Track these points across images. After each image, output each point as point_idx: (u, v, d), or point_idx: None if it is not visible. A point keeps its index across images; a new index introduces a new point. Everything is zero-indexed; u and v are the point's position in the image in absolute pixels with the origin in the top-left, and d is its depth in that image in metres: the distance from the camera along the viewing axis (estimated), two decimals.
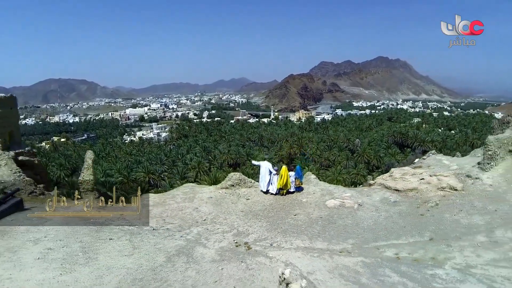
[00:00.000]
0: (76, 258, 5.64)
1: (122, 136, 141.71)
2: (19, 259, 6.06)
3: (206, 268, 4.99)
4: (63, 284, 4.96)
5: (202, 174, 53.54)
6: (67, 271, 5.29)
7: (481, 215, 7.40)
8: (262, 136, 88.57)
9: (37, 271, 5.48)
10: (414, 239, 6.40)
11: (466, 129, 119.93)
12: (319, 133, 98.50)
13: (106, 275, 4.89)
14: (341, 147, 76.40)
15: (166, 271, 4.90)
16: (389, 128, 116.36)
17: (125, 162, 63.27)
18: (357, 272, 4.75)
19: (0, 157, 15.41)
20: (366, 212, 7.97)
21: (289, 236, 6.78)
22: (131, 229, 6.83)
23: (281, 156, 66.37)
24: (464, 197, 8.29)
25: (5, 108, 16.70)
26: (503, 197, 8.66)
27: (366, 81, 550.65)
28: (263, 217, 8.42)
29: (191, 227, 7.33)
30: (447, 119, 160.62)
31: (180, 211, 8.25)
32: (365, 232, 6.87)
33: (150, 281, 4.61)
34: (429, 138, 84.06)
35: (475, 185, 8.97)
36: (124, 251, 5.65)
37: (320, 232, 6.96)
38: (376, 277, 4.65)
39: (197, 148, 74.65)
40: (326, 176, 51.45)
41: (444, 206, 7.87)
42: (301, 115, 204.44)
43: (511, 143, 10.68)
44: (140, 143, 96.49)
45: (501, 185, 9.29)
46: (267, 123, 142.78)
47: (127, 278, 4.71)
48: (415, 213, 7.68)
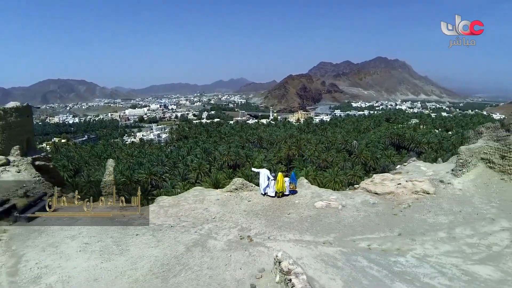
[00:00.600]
0: (111, 250, 6.98)
1: (122, 137, 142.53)
2: (62, 251, 7.40)
3: (218, 255, 6.35)
4: (105, 269, 6.29)
5: (203, 175, 54.70)
6: (106, 260, 6.62)
7: (446, 215, 8.77)
8: (261, 138, 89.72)
9: (81, 260, 6.81)
10: (385, 234, 7.77)
11: (463, 130, 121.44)
12: (317, 135, 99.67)
13: (139, 262, 6.22)
14: (339, 149, 77.51)
15: (187, 258, 6.24)
16: (386, 129, 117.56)
17: (127, 164, 64.44)
18: (335, 258, 6.09)
19: (20, 163, 16.69)
20: (348, 212, 9.37)
21: (283, 231, 8.20)
22: (152, 226, 8.18)
23: (280, 157, 67.52)
24: (435, 200, 9.67)
25: (22, 116, 17.97)
26: (469, 200, 10.02)
27: (365, 81, 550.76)
28: (262, 215, 9.84)
29: (202, 224, 8.73)
30: (445, 120, 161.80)
31: (192, 211, 9.64)
32: (345, 228, 8.26)
33: (175, 265, 5.95)
34: (425, 140, 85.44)
35: (446, 189, 10.34)
36: (150, 244, 7.00)
37: (308, 227, 8.38)
38: (350, 262, 5.98)
39: (198, 150, 75.77)
40: (324, 177, 52.56)
41: (416, 207, 9.25)
42: (300, 116, 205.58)
43: (483, 151, 12.08)
44: (141, 144, 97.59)
45: (470, 189, 10.66)
46: (266, 124, 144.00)
47: (156, 264, 6.05)
48: (390, 213, 9.06)
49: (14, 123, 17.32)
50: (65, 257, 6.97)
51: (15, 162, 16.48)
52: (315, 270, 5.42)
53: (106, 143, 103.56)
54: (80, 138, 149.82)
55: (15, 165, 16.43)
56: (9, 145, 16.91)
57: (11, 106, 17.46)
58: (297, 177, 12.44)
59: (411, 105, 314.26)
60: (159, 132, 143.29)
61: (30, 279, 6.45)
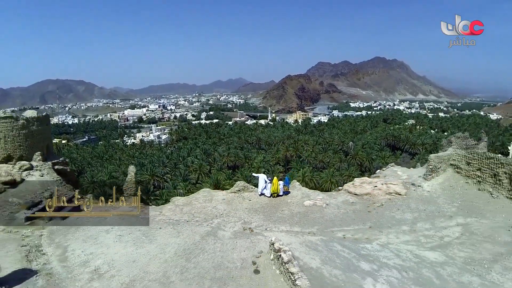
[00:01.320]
0: (142, 239, 8.83)
1: (122, 137, 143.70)
2: (101, 242, 9.23)
3: (226, 242, 8.20)
4: (140, 254, 8.14)
5: (204, 176, 56.46)
6: (139, 247, 8.47)
7: (412, 213, 10.66)
8: (259, 139, 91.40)
9: (119, 248, 8.65)
10: (358, 227, 9.64)
11: (457, 131, 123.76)
12: (314, 136, 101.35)
13: (165, 248, 8.06)
14: (335, 150, 79.21)
15: (203, 244, 8.09)
16: (383, 130, 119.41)
17: (129, 165, 66.16)
18: (316, 244, 7.92)
19: (42, 167, 18.46)
20: (330, 209, 11.26)
21: (277, 224, 10.11)
22: (171, 222, 10.02)
23: (278, 158, 69.22)
24: (405, 200, 11.56)
25: (42, 125, 19.74)
26: (434, 200, 11.93)
27: (363, 81, 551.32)
28: (260, 212, 11.71)
29: (212, 219, 10.61)
30: (441, 121, 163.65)
31: (203, 209, 11.52)
32: (327, 222, 10.14)
33: (194, 250, 7.79)
34: (420, 141, 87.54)
35: (416, 191, 12.23)
36: (172, 234, 8.84)
37: (297, 221, 10.30)
38: (327, 247, 7.82)
39: (198, 151, 77.40)
40: (320, 178, 54.25)
41: (388, 206, 11.13)
42: (298, 116, 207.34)
43: (452, 158, 14.00)
44: (142, 145, 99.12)
45: (437, 191, 12.57)
46: (265, 125, 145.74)
47: (179, 249, 7.89)
48: (365, 210, 10.94)
49: (36, 131, 19.10)
50: (105, 246, 8.79)
51: (37, 167, 18.24)
52: (300, 252, 7.24)
53: (107, 144, 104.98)
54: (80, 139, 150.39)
55: (38, 169, 18.20)
56: (31, 152, 18.67)
57: (33, 116, 19.23)
58: (291, 180, 14.37)
59: (409, 105, 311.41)
60: (159, 133, 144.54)
61: (80, 263, 8.27)
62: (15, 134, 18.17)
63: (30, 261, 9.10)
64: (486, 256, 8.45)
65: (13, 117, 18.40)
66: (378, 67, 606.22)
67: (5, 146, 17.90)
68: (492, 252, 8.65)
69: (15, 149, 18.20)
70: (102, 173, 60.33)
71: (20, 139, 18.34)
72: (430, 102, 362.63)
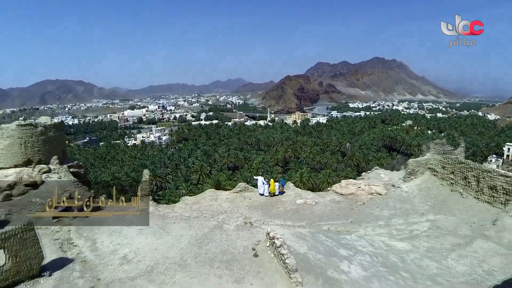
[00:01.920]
0: (160, 232, 10.54)
1: (123, 138, 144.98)
2: (125, 234, 10.92)
3: (231, 233, 9.92)
4: (160, 243, 9.85)
5: (205, 177, 58.07)
6: (158, 238, 10.18)
7: (389, 210, 12.40)
8: (259, 140, 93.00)
9: (141, 239, 10.35)
10: (341, 221, 11.38)
11: (454, 132, 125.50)
12: (313, 137, 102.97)
13: (181, 238, 9.77)
14: (333, 151, 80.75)
15: (211, 235, 9.81)
16: (380, 131, 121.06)
17: (132, 166, 67.75)
18: (305, 235, 9.64)
19: (59, 170, 20.10)
20: (319, 207, 13.02)
21: (273, 219, 11.90)
22: (183, 217, 11.74)
23: (277, 159, 70.78)
24: (384, 199, 13.29)
25: (59, 131, 21.41)
26: (410, 200, 13.68)
27: (362, 81, 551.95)
28: (259, 209, 13.48)
29: (218, 215, 12.35)
30: (439, 121, 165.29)
31: (210, 206, 13.27)
32: (315, 217, 11.89)
33: (204, 239, 9.50)
34: (415, 142, 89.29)
35: (395, 192, 13.98)
36: (185, 228, 10.56)
37: (290, 217, 12.07)
38: (314, 237, 9.53)
39: (198, 152, 78.98)
40: (317, 179, 55.86)
41: (369, 204, 12.87)
42: (297, 117, 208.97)
43: (429, 162, 15.74)
44: (143, 146, 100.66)
45: (414, 192, 14.32)
46: (264, 126, 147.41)
47: (192, 239, 9.60)
48: (348, 208, 12.69)
49: (53, 137, 20.74)
50: (129, 238, 10.50)
51: (55, 170, 19.87)
52: (291, 241, 8.92)
53: (109, 145, 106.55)
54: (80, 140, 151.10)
55: (55, 172, 19.83)
56: (49, 156, 20.29)
57: (50, 123, 20.91)
58: (286, 182, 16.16)
59: (408, 106, 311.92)
60: (160, 134, 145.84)
61: (109, 252, 9.96)
62: (34, 140, 19.80)
63: (64, 252, 10.78)
64: (446, 246, 10.19)
65: (32, 124, 20.02)
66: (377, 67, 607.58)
67: (25, 151, 19.52)
68: (452, 243, 10.39)
69: (34, 154, 19.82)
70: (105, 174, 61.95)
71: (39, 144, 19.97)
72: (429, 103, 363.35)
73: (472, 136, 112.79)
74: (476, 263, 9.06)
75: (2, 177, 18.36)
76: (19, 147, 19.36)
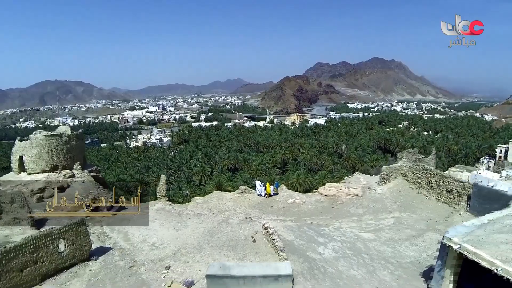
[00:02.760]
0: (178, 225, 13.35)
1: (125, 139, 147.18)
2: (151, 227, 13.72)
3: (235, 226, 12.74)
4: (180, 234, 12.66)
5: (206, 178, 60.78)
6: (178, 230, 13.00)
7: (363, 209, 15.23)
8: (258, 142, 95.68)
9: (164, 231, 13.16)
10: (322, 217, 14.21)
11: (449, 134, 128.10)
12: (311, 139, 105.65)
13: (196, 230, 12.59)
14: (330, 152, 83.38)
15: (220, 227, 12.64)
16: (377, 133, 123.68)
17: (135, 168, 70.49)
18: (292, 227, 12.43)
19: (81, 175, 22.87)
20: (305, 206, 15.88)
21: (268, 215, 14.79)
22: (195, 214, 14.57)
23: (275, 161, 73.32)
24: (360, 200, 16.12)
25: (80, 140, 24.20)
26: (382, 200, 16.51)
27: (361, 82, 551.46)
28: (257, 207, 16.33)
29: (224, 212, 15.20)
30: (435, 122, 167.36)
31: (217, 205, 16.14)
32: (302, 214, 14.77)
33: (215, 230, 12.33)
34: (410, 144, 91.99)
35: (370, 193, 16.80)
36: (198, 222, 13.38)
37: (282, 213, 15.00)
38: (299, 229, 12.34)
39: (199, 154, 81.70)
40: (313, 180, 58.44)
41: (346, 204, 15.71)
42: (296, 118, 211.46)
43: (402, 168, 18.56)
44: (145, 148, 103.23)
45: (386, 193, 17.15)
46: (263, 127, 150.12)
47: (205, 230, 12.43)
48: (329, 207, 15.51)
49: (75, 146, 23.52)
50: (154, 230, 13.30)
51: (78, 174, 22.63)
52: (281, 231, 11.69)
53: (111, 147, 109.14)
54: None
55: (78, 176, 22.59)
56: (72, 162, 23.04)
57: (73, 133, 23.70)
58: (280, 185, 19.05)
59: (406, 106, 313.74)
60: (161, 136, 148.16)
61: (140, 241, 12.74)
62: (60, 148, 22.56)
63: (102, 242, 13.53)
64: (402, 237, 13.01)
65: (58, 135, 22.79)
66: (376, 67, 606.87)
67: (52, 158, 22.23)
68: (408, 234, 13.22)
69: (60, 160, 22.58)
70: (110, 175, 64.65)
71: (64, 152, 22.74)
72: (428, 103, 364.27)
73: (467, 138, 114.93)
74: (423, 249, 11.87)
75: (33, 181, 21.13)
76: (47, 155, 22.12)
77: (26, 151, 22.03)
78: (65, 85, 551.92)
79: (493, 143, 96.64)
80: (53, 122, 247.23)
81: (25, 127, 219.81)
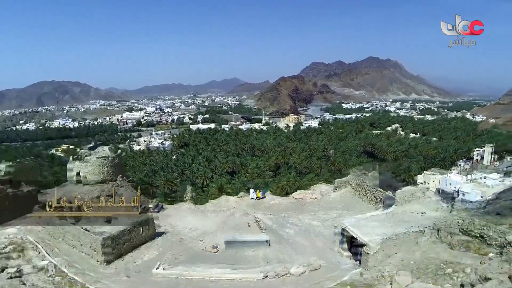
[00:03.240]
0: (203, 218, 22.12)
1: (126, 141, 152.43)
2: (184, 217, 22.52)
3: (238, 217, 21.35)
4: (205, 222, 21.46)
5: (208, 181, 68.58)
6: (203, 220, 21.83)
7: (319, 207, 24.00)
8: (253, 146, 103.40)
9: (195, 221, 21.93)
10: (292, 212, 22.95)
11: (432, 138, 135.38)
12: (302, 143, 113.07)
13: (214, 220, 21.30)
14: (319, 156, 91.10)
15: (228, 220, 21.25)
16: (366, 136, 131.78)
17: (143, 171, 77.87)
18: (272, 218, 21.02)
19: (124, 184, 31.20)
20: (283, 205, 24.59)
21: (258, 211, 23.49)
22: (212, 211, 23.24)
23: (269, 165, 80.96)
24: (318, 202, 24.86)
25: (120, 159, 32.50)
26: (333, 202, 25.29)
27: (356, 81, 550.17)
28: (251, 207, 24.86)
29: (230, 209, 23.79)
30: (424, 124, 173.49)
31: (225, 205, 24.71)
32: (279, 210, 23.47)
33: (225, 221, 20.96)
34: (391, 149, 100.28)
35: (326, 197, 25.55)
36: (215, 216, 22.05)
37: (267, 210, 23.69)
38: (276, 219, 20.93)
39: (200, 158, 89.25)
40: (302, 182, 66.22)
41: (309, 204, 24.45)
42: (291, 119, 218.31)
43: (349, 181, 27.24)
44: (149, 153, 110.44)
45: (337, 198, 25.90)
46: (258, 130, 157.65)
47: (220, 221, 21.14)
48: (298, 206, 24.26)
49: (117, 163, 31.83)
50: (188, 220, 21.92)
51: (121, 184, 30.95)
52: (265, 220, 20.08)
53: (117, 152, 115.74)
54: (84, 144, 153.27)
55: (122, 186, 30.92)
56: (116, 175, 31.30)
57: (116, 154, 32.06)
58: (266, 191, 27.80)
59: (400, 106, 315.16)
60: (160, 137, 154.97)
61: (181, 228, 21.26)
62: (108, 165, 30.81)
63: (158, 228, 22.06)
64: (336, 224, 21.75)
65: (106, 156, 31.08)
66: (371, 67, 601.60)
67: (102, 173, 30.49)
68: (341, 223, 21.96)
69: (108, 174, 30.79)
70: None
71: (110, 168, 31.05)
72: (422, 102, 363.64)
73: (449, 141, 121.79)
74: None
75: (91, 190, 29.45)
76: (99, 170, 30.41)
77: (83, 168, 30.28)
78: (62, 86, 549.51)
79: (472, 146, 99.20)
80: (53, 124, 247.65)
81: (26, 129, 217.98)
